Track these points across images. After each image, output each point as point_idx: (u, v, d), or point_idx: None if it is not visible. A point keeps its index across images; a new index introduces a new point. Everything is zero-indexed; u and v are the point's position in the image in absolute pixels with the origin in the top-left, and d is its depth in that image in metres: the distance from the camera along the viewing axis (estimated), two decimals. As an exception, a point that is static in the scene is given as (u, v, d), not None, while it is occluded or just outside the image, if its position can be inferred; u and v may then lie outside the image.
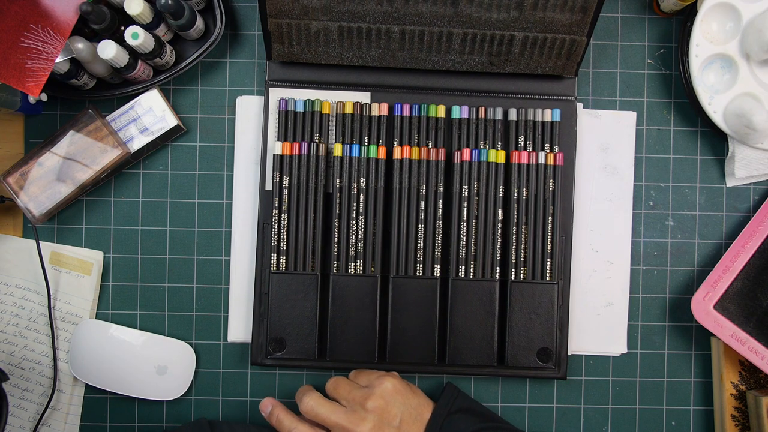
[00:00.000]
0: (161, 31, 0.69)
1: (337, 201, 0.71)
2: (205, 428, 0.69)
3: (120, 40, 0.67)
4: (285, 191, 0.71)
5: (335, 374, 0.74)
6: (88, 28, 0.68)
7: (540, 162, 0.71)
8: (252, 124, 0.74)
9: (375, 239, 0.70)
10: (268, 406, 0.69)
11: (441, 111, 0.72)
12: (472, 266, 0.70)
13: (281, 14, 0.68)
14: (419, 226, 0.71)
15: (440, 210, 0.71)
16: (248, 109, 0.74)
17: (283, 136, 0.72)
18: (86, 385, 0.74)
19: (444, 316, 0.71)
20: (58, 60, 0.65)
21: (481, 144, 0.72)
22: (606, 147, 0.74)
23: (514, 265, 0.71)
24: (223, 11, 0.71)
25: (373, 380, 0.67)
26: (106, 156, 0.70)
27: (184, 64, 0.71)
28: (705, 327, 0.70)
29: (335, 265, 0.70)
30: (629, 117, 0.75)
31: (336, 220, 0.71)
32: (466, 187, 0.71)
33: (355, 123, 0.72)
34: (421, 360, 0.70)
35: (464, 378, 0.75)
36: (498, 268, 0.71)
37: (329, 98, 0.73)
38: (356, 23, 0.68)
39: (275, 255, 0.70)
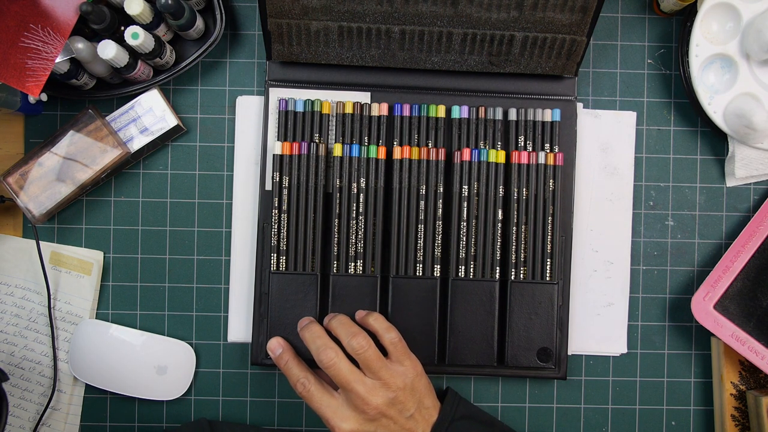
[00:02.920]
0: (161, 31, 0.69)
1: (337, 201, 0.71)
2: (205, 428, 0.69)
3: (120, 40, 0.67)
4: (285, 191, 0.71)
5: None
6: (88, 28, 0.68)
7: (540, 162, 0.71)
8: (252, 124, 0.74)
9: (375, 239, 0.70)
10: (278, 348, 0.67)
11: (441, 111, 0.72)
12: (472, 266, 0.70)
13: (281, 14, 0.68)
14: (419, 226, 0.71)
15: (440, 210, 0.71)
16: (248, 109, 0.74)
17: (283, 136, 0.72)
18: (86, 385, 0.74)
19: (444, 316, 0.71)
20: (58, 60, 0.65)
21: (481, 144, 0.72)
22: (606, 147, 0.74)
23: (514, 265, 0.71)
24: (223, 11, 0.71)
25: (404, 361, 0.65)
26: (106, 156, 0.70)
27: (184, 64, 0.71)
28: (705, 327, 0.71)
29: (335, 265, 0.70)
30: (629, 117, 0.75)
31: (336, 220, 0.71)
32: (466, 187, 0.71)
33: (355, 123, 0.72)
34: (421, 360, 0.70)
35: (464, 378, 0.75)
36: (498, 268, 0.71)
37: (329, 98, 0.73)
38: (356, 23, 0.68)
39: (275, 255, 0.70)
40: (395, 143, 0.72)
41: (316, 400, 0.64)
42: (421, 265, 0.70)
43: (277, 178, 0.70)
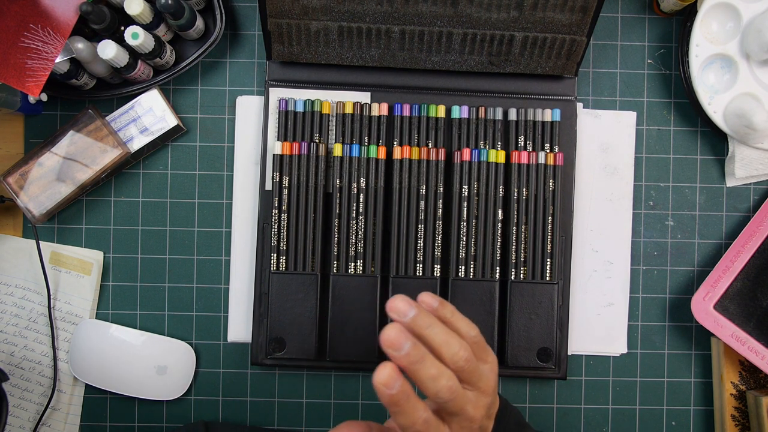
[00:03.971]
0: (161, 31, 0.69)
1: (337, 201, 0.71)
2: (201, 431, 0.69)
3: (120, 40, 0.67)
4: (285, 191, 0.71)
5: (335, 374, 0.74)
6: (88, 28, 0.68)
7: (540, 162, 0.71)
8: (252, 124, 0.74)
9: (375, 239, 0.70)
10: (396, 381, 0.46)
11: (441, 111, 0.72)
12: (472, 266, 0.70)
13: (281, 14, 0.68)
14: (419, 226, 0.71)
15: (440, 210, 0.71)
16: (248, 109, 0.74)
17: (283, 136, 0.72)
18: (86, 385, 0.74)
19: (444, 316, 0.71)
20: (58, 60, 0.65)
21: (481, 144, 0.72)
22: (606, 147, 0.74)
23: (514, 265, 0.71)
24: (223, 11, 0.71)
25: (487, 358, 0.52)
26: (106, 156, 0.70)
27: (184, 64, 0.71)
28: (705, 327, 0.70)
29: (335, 265, 0.70)
30: (629, 117, 0.75)
31: (336, 220, 0.71)
32: (466, 187, 0.71)
33: (355, 123, 0.72)
34: (421, 360, 0.70)
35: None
36: (498, 268, 0.71)
37: (329, 98, 0.73)
38: (356, 23, 0.68)
39: (275, 255, 0.70)
40: (395, 143, 0.72)
41: None
42: (421, 265, 0.70)
43: (277, 178, 0.70)
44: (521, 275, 0.71)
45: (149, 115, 0.72)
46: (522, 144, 0.72)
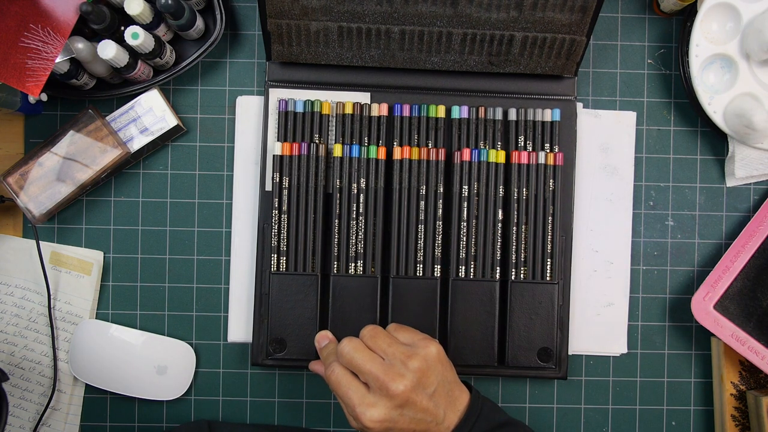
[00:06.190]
0: (161, 31, 0.69)
1: (337, 201, 0.71)
2: (204, 429, 0.69)
3: (120, 40, 0.67)
4: (285, 192, 0.71)
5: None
6: (88, 28, 0.68)
7: (540, 162, 0.71)
8: (252, 124, 0.74)
9: (375, 239, 0.70)
10: (325, 339, 0.67)
11: (441, 111, 0.72)
12: (472, 266, 0.70)
13: (281, 14, 0.68)
14: (419, 226, 0.71)
15: (440, 210, 0.71)
16: (248, 110, 0.74)
17: (282, 137, 0.72)
18: (86, 385, 0.74)
19: (444, 316, 0.71)
20: (58, 60, 0.65)
21: (481, 144, 0.72)
22: (606, 147, 0.74)
23: (514, 265, 0.71)
24: (223, 11, 0.71)
25: (417, 341, 0.62)
26: (106, 156, 0.70)
27: (184, 64, 0.71)
28: (705, 327, 0.71)
29: (335, 266, 0.70)
30: (629, 117, 0.75)
31: (336, 220, 0.71)
32: (466, 187, 0.71)
33: (355, 123, 0.72)
34: (421, 360, 0.70)
35: (465, 378, 0.74)
36: (498, 268, 0.71)
37: (329, 98, 0.73)
38: (356, 23, 0.68)
39: (275, 255, 0.70)
40: (395, 143, 0.72)
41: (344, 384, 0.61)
42: (421, 266, 0.70)
43: (277, 179, 0.70)
44: (521, 275, 0.71)
45: (149, 115, 0.72)
46: (522, 144, 0.72)
